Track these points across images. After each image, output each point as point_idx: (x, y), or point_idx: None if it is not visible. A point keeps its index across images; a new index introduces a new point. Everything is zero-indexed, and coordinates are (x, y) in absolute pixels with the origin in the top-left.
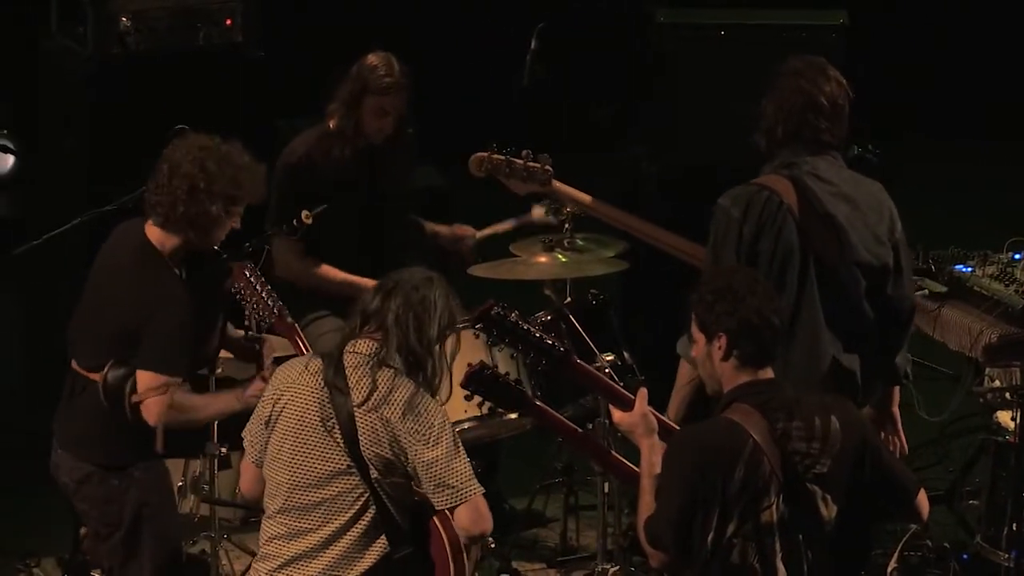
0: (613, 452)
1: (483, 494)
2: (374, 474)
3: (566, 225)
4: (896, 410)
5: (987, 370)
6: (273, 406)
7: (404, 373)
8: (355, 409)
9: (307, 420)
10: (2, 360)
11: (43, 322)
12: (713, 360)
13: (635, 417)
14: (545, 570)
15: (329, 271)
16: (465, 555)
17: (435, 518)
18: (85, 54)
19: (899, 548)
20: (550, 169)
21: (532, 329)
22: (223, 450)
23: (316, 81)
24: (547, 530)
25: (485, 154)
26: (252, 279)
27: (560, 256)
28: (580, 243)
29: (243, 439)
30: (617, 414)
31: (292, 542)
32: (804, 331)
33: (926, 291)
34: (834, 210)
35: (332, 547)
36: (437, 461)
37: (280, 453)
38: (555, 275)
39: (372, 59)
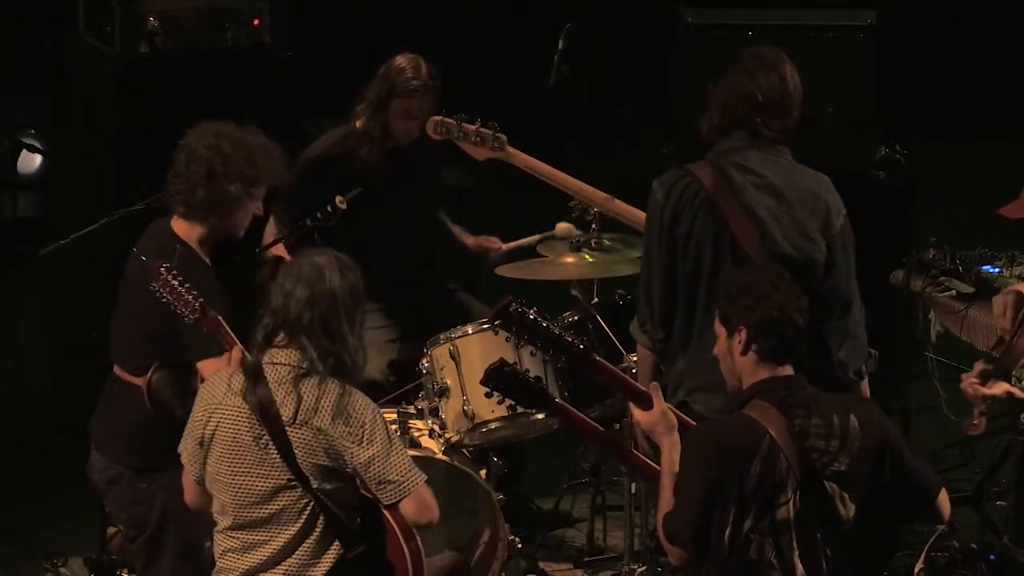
0: (635, 452)
1: (425, 481)
2: (315, 484)
3: (593, 225)
4: None
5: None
6: (204, 427)
7: (327, 375)
8: (287, 427)
9: (240, 441)
10: (29, 360)
11: (70, 322)
12: (733, 354)
13: (655, 415)
14: (572, 570)
15: None
16: (418, 538)
17: (388, 513)
18: (113, 53)
19: (926, 549)
20: (502, 136)
21: (551, 326)
22: None
23: (344, 81)
24: (574, 530)
25: (439, 117)
26: (169, 277)
27: (587, 256)
28: (607, 243)
29: (180, 454)
30: (637, 412)
31: (247, 555)
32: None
33: (953, 292)
34: (755, 202)
35: (287, 558)
36: (374, 459)
37: (219, 475)
38: (582, 275)
39: (400, 61)
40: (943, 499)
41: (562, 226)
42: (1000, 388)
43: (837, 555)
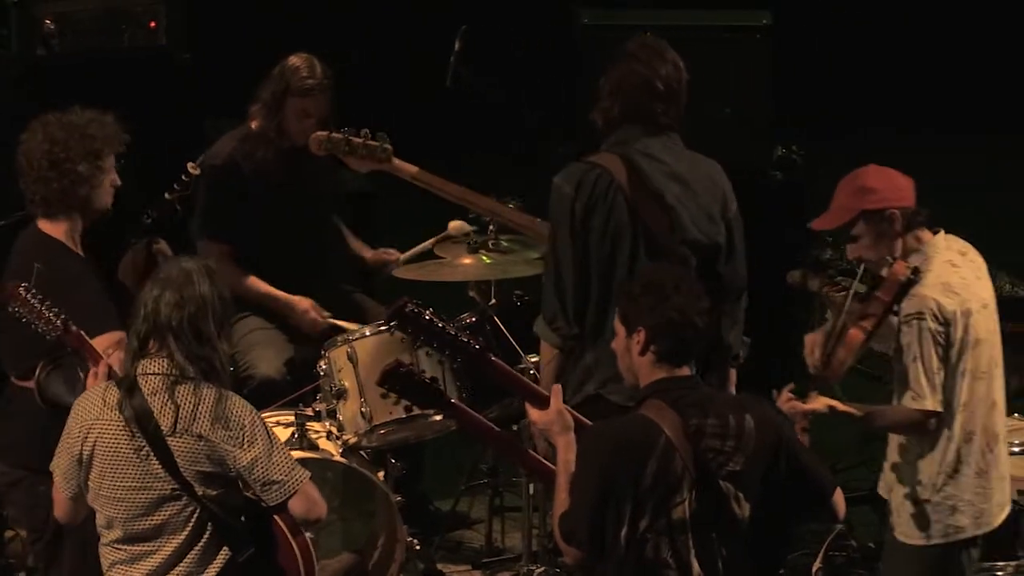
0: (531, 452)
1: (309, 478)
2: (200, 490)
3: (491, 227)
4: (732, 390)
5: None
6: (82, 444)
7: (201, 380)
8: (167, 437)
9: (120, 454)
10: None
11: None
12: (631, 354)
13: (551, 415)
14: (470, 571)
15: (256, 283)
16: (305, 534)
17: (277, 517)
18: (9, 56)
19: (824, 548)
20: (389, 147)
21: (447, 326)
22: None
23: (242, 83)
24: (472, 531)
25: (324, 133)
26: (28, 296)
27: (485, 257)
28: (505, 244)
29: (52, 471)
30: (533, 412)
31: (135, 566)
32: None
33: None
34: (664, 189)
35: (177, 565)
36: (257, 461)
37: (102, 490)
38: (480, 276)
39: (294, 60)
40: (838, 498)
41: (454, 224)
42: (821, 403)
43: (733, 554)
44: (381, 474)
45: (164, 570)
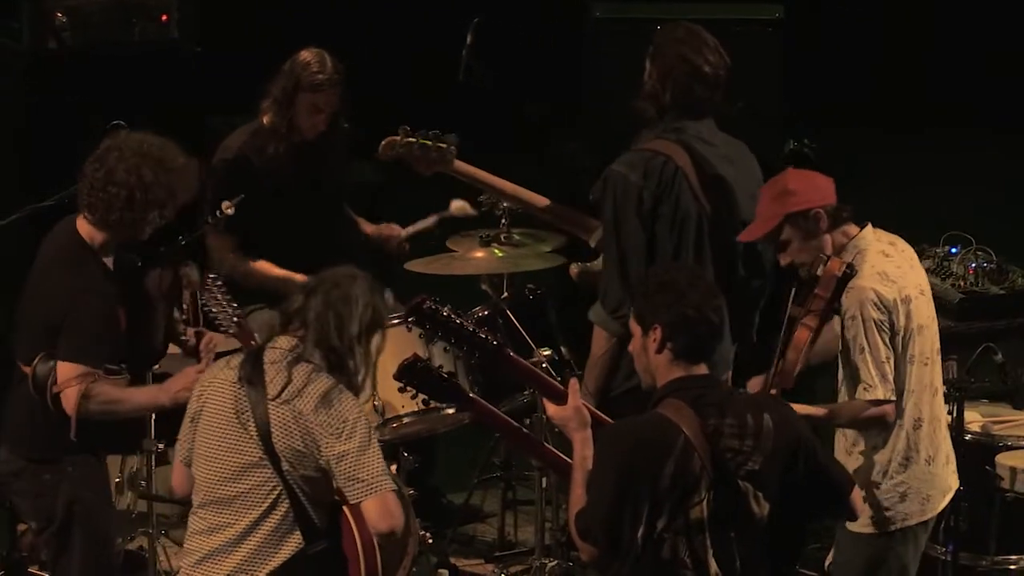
0: (548, 446)
1: (394, 492)
2: (286, 467)
3: (503, 220)
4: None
5: None
6: (197, 401)
7: (324, 370)
8: (269, 402)
9: (223, 414)
10: None
11: None
12: (648, 353)
13: (568, 411)
14: (483, 565)
15: (264, 266)
16: (377, 552)
17: (349, 515)
18: (20, 49)
19: (836, 542)
20: (454, 149)
21: (464, 323)
22: (160, 446)
23: (252, 77)
24: (485, 525)
25: (396, 138)
26: (213, 289)
27: (497, 251)
28: (517, 238)
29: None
30: (551, 407)
31: (210, 537)
32: None
33: None
34: (724, 172)
35: (246, 541)
36: (348, 454)
37: (201, 448)
38: (492, 270)
39: (305, 55)
40: (856, 496)
41: (456, 203)
42: None
43: (750, 553)
44: (394, 467)
45: (235, 544)
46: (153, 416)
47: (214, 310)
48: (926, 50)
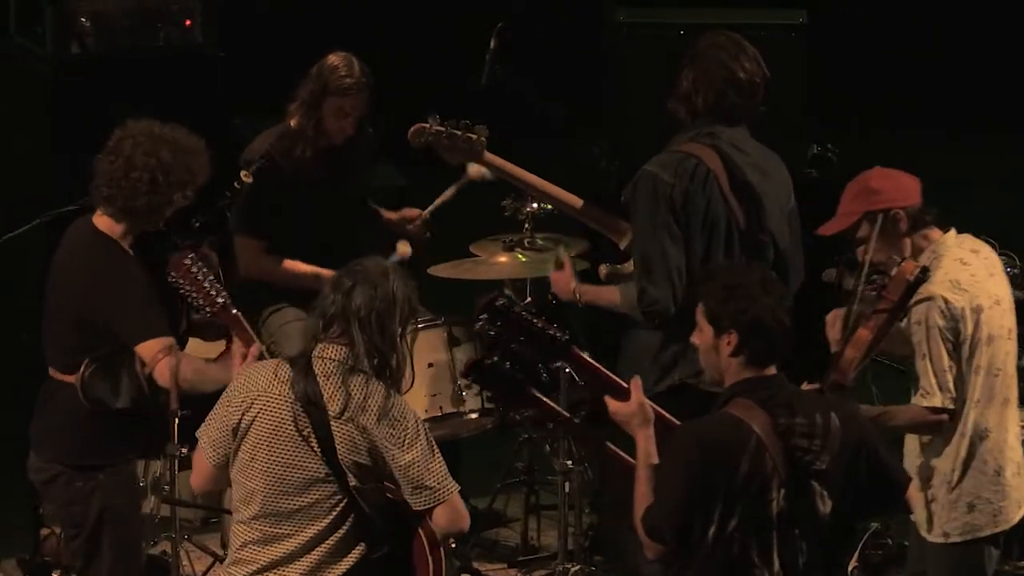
0: (611, 445)
1: (459, 491)
2: (352, 481)
3: (526, 225)
4: None
5: None
6: (243, 415)
7: (374, 376)
8: (332, 420)
9: (282, 430)
10: None
11: (2, 324)
12: (720, 354)
13: (632, 407)
14: (506, 570)
15: (293, 265)
16: (442, 550)
17: (416, 521)
18: (44, 54)
19: (860, 546)
20: (485, 140)
21: (536, 320)
22: (184, 451)
23: (276, 81)
24: (508, 530)
25: (426, 125)
26: (194, 269)
27: (520, 256)
28: (540, 242)
29: (199, 438)
30: (614, 404)
31: (268, 547)
32: None
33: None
34: (752, 179)
35: (311, 552)
36: (414, 463)
37: (254, 461)
38: (515, 275)
39: (333, 59)
40: (912, 493)
41: (473, 168)
42: None
43: (812, 551)
44: None
45: (299, 555)
46: (176, 420)
47: (191, 289)
48: (950, 53)
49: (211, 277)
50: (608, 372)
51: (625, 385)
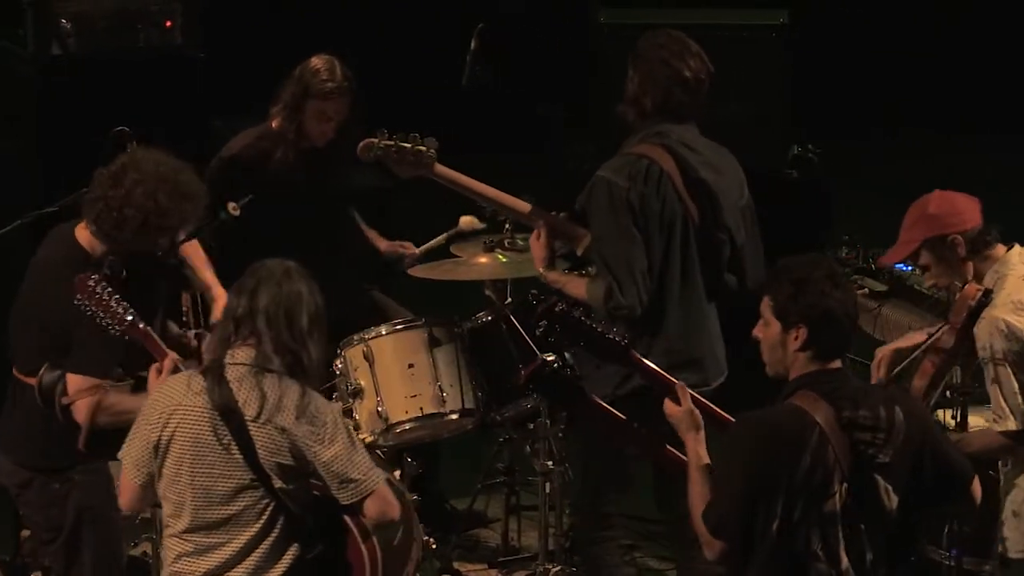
0: (668, 446)
1: (386, 480)
2: (277, 483)
3: (506, 226)
4: None
5: None
6: (162, 431)
7: (286, 374)
8: (249, 424)
9: (202, 441)
10: None
11: None
12: (787, 348)
13: (682, 412)
14: (486, 570)
15: None
16: (375, 537)
17: (347, 517)
18: (25, 56)
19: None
20: (434, 153)
21: (595, 325)
22: None
23: (256, 83)
24: (488, 530)
25: (374, 140)
26: (98, 289)
27: (500, 256)
28: (520, 243)
29: (121, 459)
30: (669, 405)
31: (203, 558)
32: (687, 298)
33: (866, 290)
34: (706, 176)
35: (246, 559)
36: (337, 458)
37: (179, 476)
38: (496, 275)
39: (315, 62)
40: (976, 486)
41: (465, 219)
42: None
43: (878, 547)
44: (397, 473)
45: (234, 563)
46: None
47: (96, 310)
48: (932, 52)
49: (116, 295)
50: (665, 374)
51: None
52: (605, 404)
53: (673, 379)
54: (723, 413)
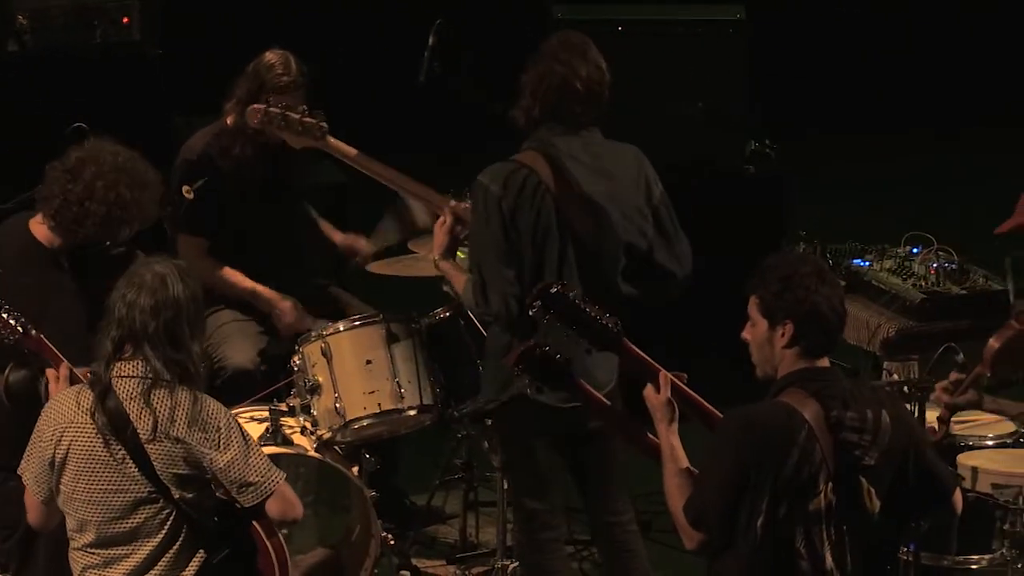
0: (649, 434)
1: (284, 479)
2: (176, 494)
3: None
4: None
5: (885, 364)
6: (56, 448)
7: (175, 383)
8: (144, 443)
9: (96, 458)
10: None
11: None
12: (774, 345)
13: (660, 400)
14: (445, 566)
15: (231, 275)
16: (280, 535)
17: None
18: None
19: None
20: (324, 125)
21: (590, 309)
22: None
23: (214, 79)
24: (447, 526)
25: (261, 107)
26: None
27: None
28: None
29: (21, 475)
30: (650, 391)
31: (109, 569)
32: None
33: None
34: (593, 188)
35: (151, 569)
36: (233, 463)
37: (76, 492)
38: None
39: (270, 57)
40: (958, 496)
41: (422, 218)
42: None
43: (859, 549)
44: (355, 469)
45: (139, 573)
46: None
47: None
48: (889, 49)
49: (7, 305)
50: (653, 363)
51: (675, 380)
52: (592, 389)
53: (660, 368)
54: (711, 408)
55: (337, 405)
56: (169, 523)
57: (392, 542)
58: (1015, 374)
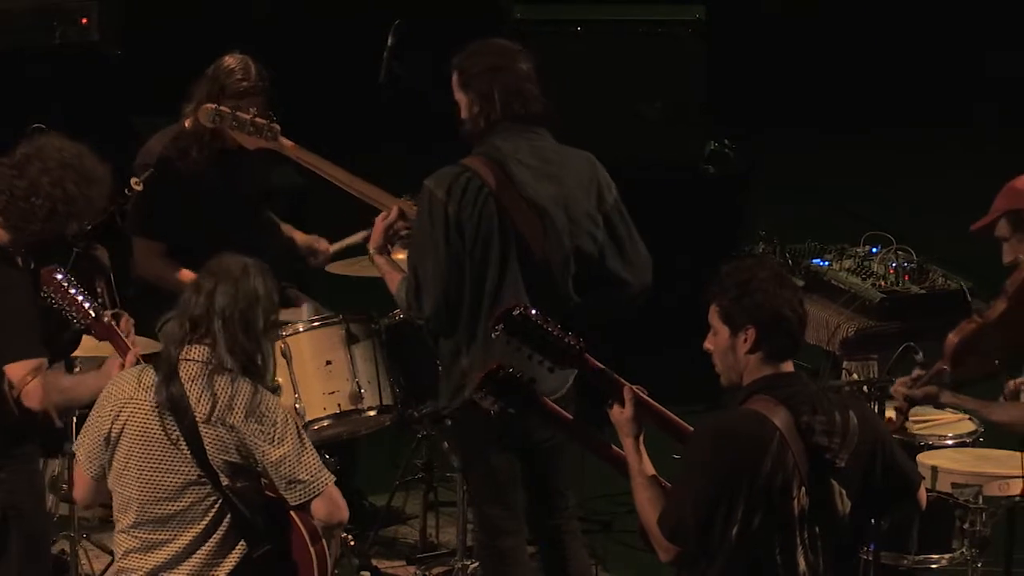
0: (612, 445)
1: (335, 482)
2: (225, 481)
3: None
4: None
5: (844, 363)
6: (112, 423)
7: (239, 373)
8: (200, 425)
9: (151, 436)
10: None
11: None
12: (737, 352)
13: (625, 416)
14: (405, 567)
15: (188, 276)
16: (325, 542)
17: (295, 515)
18: None
19: None
20: (276, 126)
21: (552, 329)
22: None
23: (174, 80)
24: (407, 527)
25: (212, 106)
26: (64, 282)
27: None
28: None
29: (75, 451)
30: (615, 409)
31: (150, 554)
32: None
33: None
34: (537, 194)
35: (192, 556)
36: (286, 458)
37: (127, 469)
38: None
39: (229, 61)
40: (922, 491)
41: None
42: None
43: (829, 551)
44: None
45: (180, 559)
46: (75, 419)
47: (63, 303)
48: (847, 49)
49: (83, 289)
50: (618, 378)
51: (639, 393)
52: (557, 408)
53: (623, 382)
54: (677, 419)
55: (297, 406)
56: (214, 510)
57: (352, 543)
58: (979, 370)
